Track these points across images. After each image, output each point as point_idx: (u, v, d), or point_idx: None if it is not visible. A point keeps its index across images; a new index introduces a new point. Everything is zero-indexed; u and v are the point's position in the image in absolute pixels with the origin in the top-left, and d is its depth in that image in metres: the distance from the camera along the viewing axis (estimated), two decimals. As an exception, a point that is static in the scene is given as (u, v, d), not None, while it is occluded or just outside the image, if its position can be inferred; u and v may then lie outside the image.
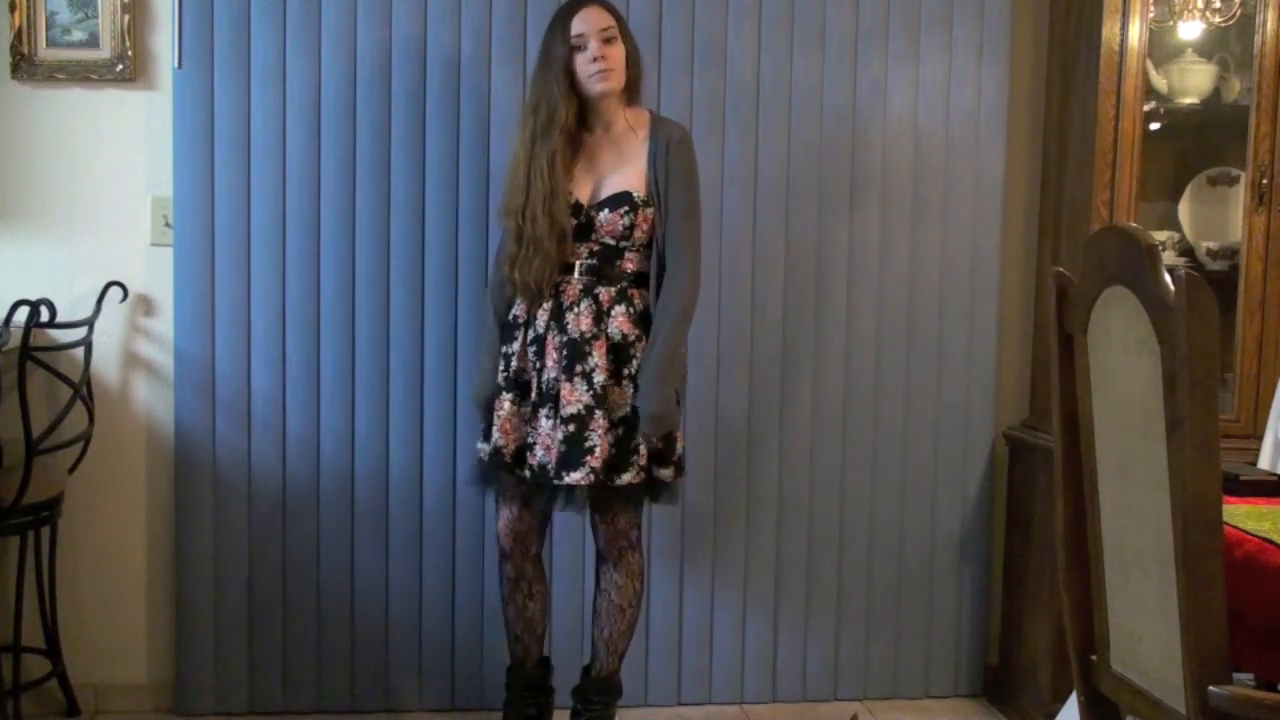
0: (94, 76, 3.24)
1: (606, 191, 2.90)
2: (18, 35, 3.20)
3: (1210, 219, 3.51)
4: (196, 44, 3.20)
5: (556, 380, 2.86)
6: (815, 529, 3.54)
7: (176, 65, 3.20)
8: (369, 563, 3.36)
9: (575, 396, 2.83)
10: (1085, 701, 2.19)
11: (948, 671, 3.62)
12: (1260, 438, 3.05)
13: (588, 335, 2.86)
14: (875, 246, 3.50)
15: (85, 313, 3.17)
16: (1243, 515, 2.13)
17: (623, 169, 2.91)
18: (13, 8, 3.19)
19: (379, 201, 3.29)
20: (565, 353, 2.86)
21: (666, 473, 2.93)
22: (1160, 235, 3.45)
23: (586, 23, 2.84)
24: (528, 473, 2.89)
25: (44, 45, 3.22)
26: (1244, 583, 1.92)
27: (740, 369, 3.46)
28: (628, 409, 2.87)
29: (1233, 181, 3.46)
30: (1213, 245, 3.44)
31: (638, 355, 2.90)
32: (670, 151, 2.87)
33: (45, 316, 2.82)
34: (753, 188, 3.43)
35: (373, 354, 3.31)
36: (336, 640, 3.37)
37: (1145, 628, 1.96)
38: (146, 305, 3.32)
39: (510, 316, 2.97)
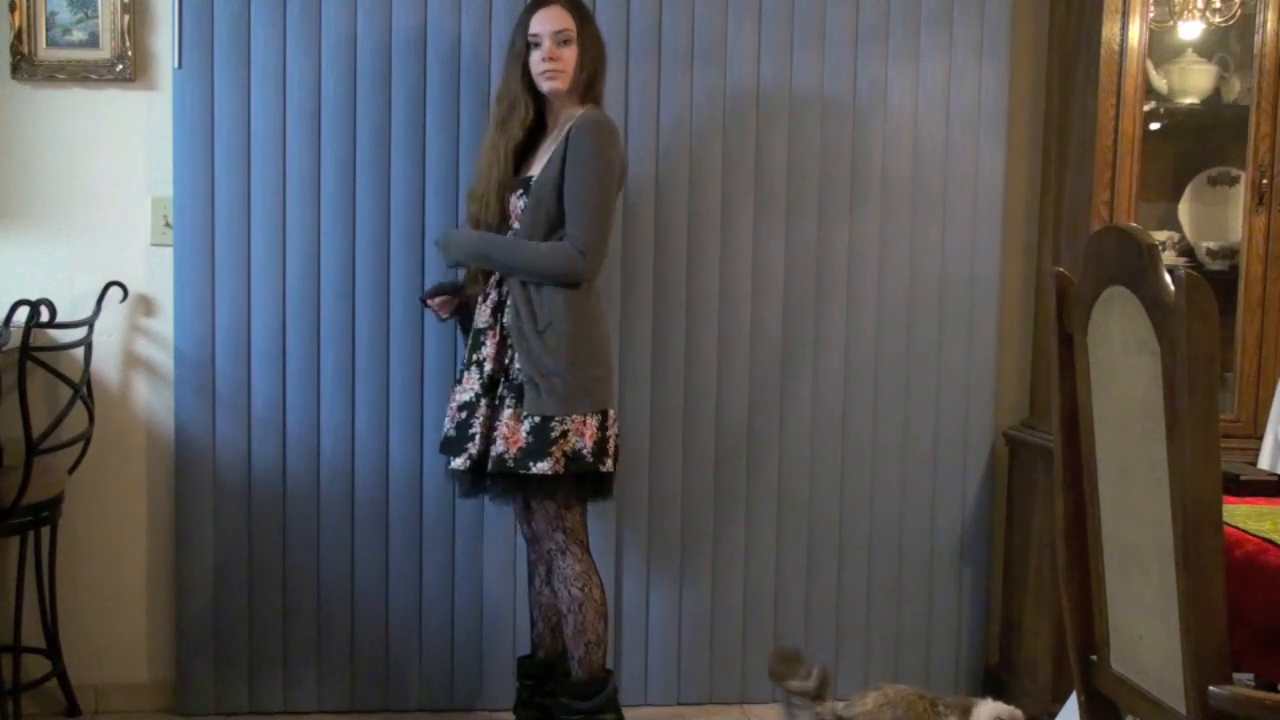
0: (94, 76, 3.24)
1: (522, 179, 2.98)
2: (18, 35, 3.20)
3: (1210, 219, 3.51)
4: (196, 44, 3.20)
5: (463, 370, 3.01)
6: (815, 529, 3.54)
7: (176, 65, 3.21)
8: (369, 562, 3.36)
9: (469, 384, 2.97)
10: (1085, 701, 2.19)
11: (948, 671, 3.62)
12: (1260, 438, 3.05)
13: (483, 326, 2.97)
14: (875, 246, 3.50)
15: (85, 313, 3.17)
16: (1243, 515, 2.13)
17: (541, 160, 2.95)
18: (13, 8, 3.19)
19: (379, 201, 3.29)
20: (471, 342, 3.00)
21: (543, 466, 2.83)
22: (1160, 235, 3.45)
23: (544, 23, 2.90)
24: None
25: (44, 45, 3.22)
26: (1244, 583, 1.91)
27: (740, 369, 3.46)
28: (496, 398, 2.93)
29: (1233, 181, 3.46)
30: (1213, 245, 3.44)
31: (513, 346, 2.90)
32: (570, 140, 2.88)
33: (45, 316, 2.82)
34: (752, 187, 3.43)
35: (373, 354, 3.31)
36: (336, 640, 3.37)
37: (1145, 628, 1.96)
38: (146, 305, 3.32)
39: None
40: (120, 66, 3.24)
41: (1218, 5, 3.24)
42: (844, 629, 3.57)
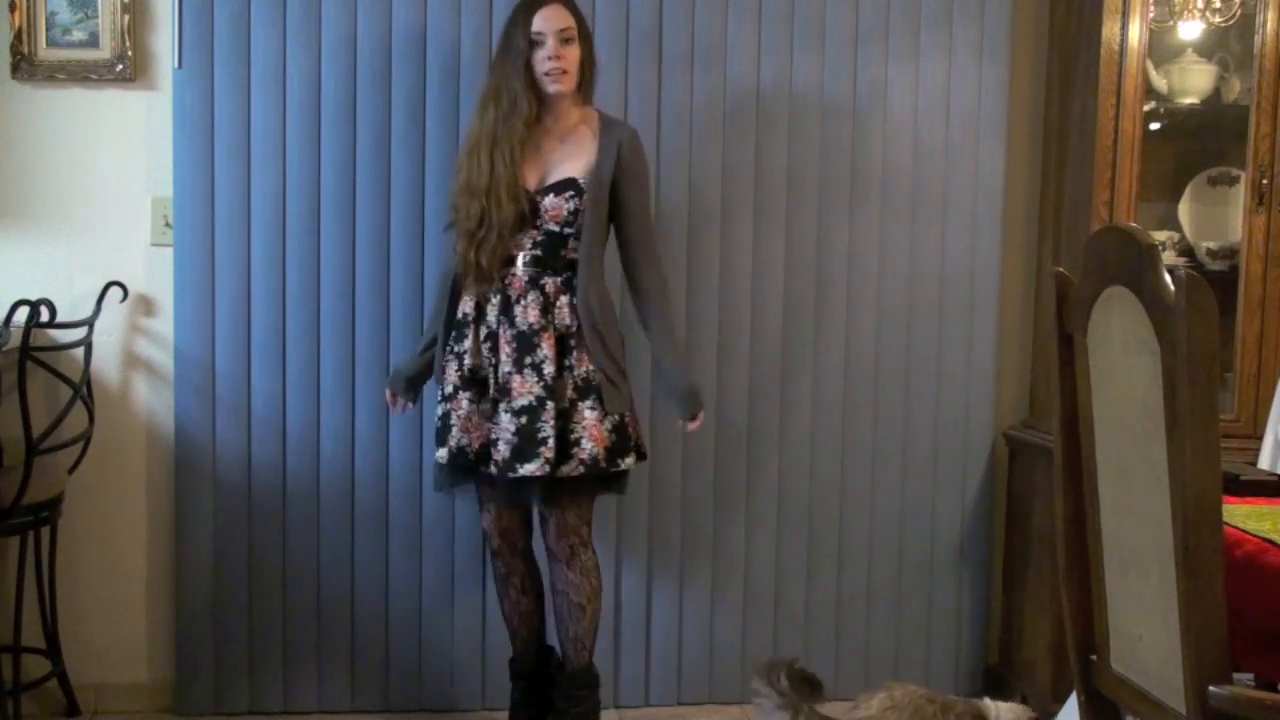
0: (94, 76, 3.24)
1: (552, 179, 2.94)
2: (18, 35, 3.20)
3: (1210, 219, 3.51)
4: (196, 44, 3.20)
5: (510, 374, 2.90)
6: (815, 529, 3.54)
7: (176, 65, 3.21)
8: (369, 563, 3.36)
9: (526, 388, 2.88)
10: (1085, 701, 2.19)
11: (948, 671, 3.62)
12: (1260, 438, 3.05)
13: (536, 327, 2.90)
14: (875, 246, 3.50)
15: (85, 313, 3.17)
16: (1243, 515, 2.13)
17: (569, 160, 2.95)
18: (13, 8, 3.19)
19: (379, 201, 3.29)
20: (516, 345, 2.90)
21: (629, 462, 2.97)
22: (1160, 235, 3.45)
23: (546, 21, 2.89)
24: (493, 468, 2.91)
25: (44, 45, 3.22)
26: (1244, 583, 1.91)
27: (740, 369, 3.46)
28: (566, 400, 2.91)
29: (1233, 181, 3.46)
30: (1213, 245, 3.44)
31: (577, 347, 2.93)
32: (624, 150, 2.95)
33: (45, 316, 2.82)
34: (752, 187, 3.43)
35: (373, 354, 3.31)
36: (336, 640, 3.37)
37: (1145, 628, 1.96)
38: (146, 305, 3.32)
39: (460, 314, 2.98)
40: (120, 66, 3.24)
41: (1218, 5, 3.25)
42: (844, 629, 3.57)
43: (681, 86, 3.38)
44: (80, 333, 3.13)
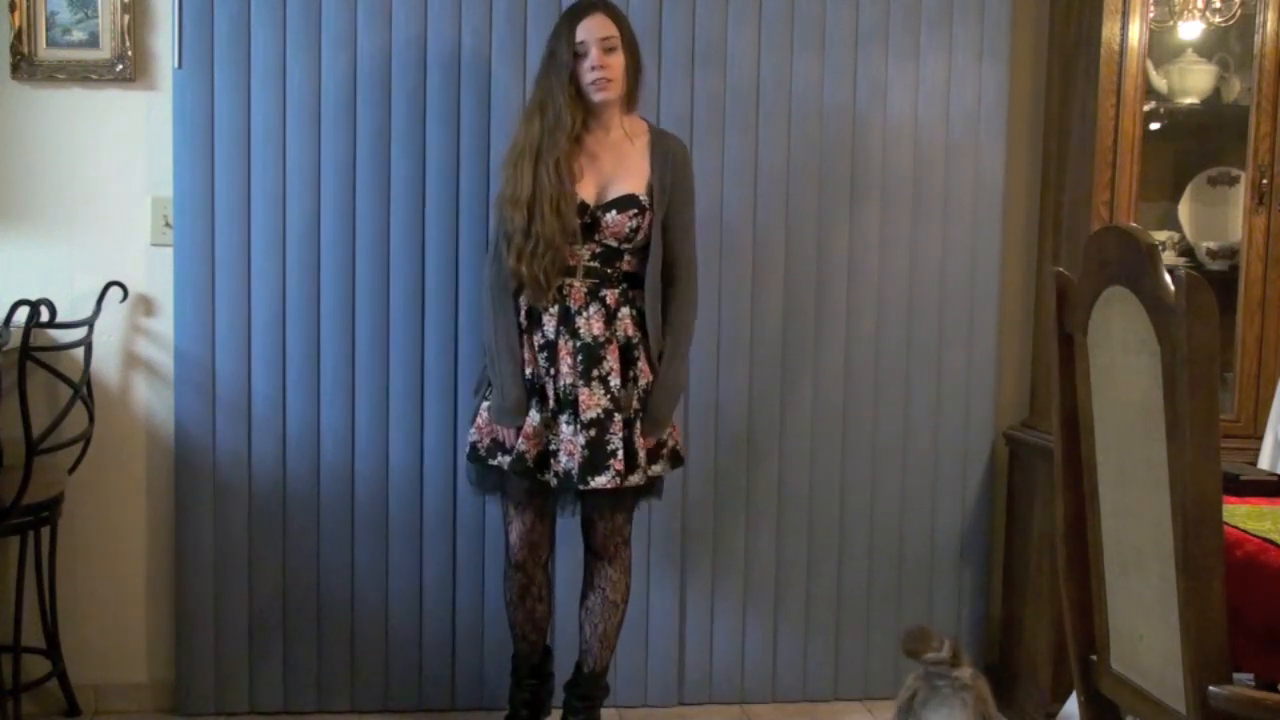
0: (94, 76, 3.24)
1: (613, 194, 2.92)
2: (18, 35, 3.20)
3: (1210, 219, 3.52)
4: (196, 44, 3.20)
5: (574, 386, 2.88)
6: (815, 529, 3.54)
7: (176, 65, 3.21)
8: (369, 563, 3.36)
9: (594, 401, 2.87)
10: (1085, 701, 2.20)
11: (948, 671, 3.62)
12: (1260, 438, 3.06)
13: (601, 339, 2.90)
14: (875, 246, 3.50)
15: (85, 313, 3.17)
16: (1243, 515, 2.13)
17: (625, 173, 2.94)
18: (13, 8, 3.19)
19: (379, 201, 3.29)
20: (581, 357, 2.89)
21: (659, 468, 3.01)
22: (1160, 235, 3.45)
23: (589, 31, 2.88)
24: (553, 479, 2.90)
25: (44, 45, 3.22)
26: (1244, 583, 1.92)
27: (740, 369, 3.46)
28: (631, 412, 2.92)
29: (1233, 181, 3.46)
30: (1213, 245, 3.44)
31: (640, 359, 2.95)
32: (678, 166, 2.97)
33: (45, 316, 2.82)
34: (753, 188, 3.43)
35: (373, 354, 3.31)
36: (336, 640, 3.37)
37: (1145, 628, 1.96)
38: (146, 305, 3.32)
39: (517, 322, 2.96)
40: (120, 66, 3.24)
41: (1218, 5, 3.25)
42: (844, 629, 3.57)
43: (681, 87, 3.38)
44: (80, 333, 3.13)
